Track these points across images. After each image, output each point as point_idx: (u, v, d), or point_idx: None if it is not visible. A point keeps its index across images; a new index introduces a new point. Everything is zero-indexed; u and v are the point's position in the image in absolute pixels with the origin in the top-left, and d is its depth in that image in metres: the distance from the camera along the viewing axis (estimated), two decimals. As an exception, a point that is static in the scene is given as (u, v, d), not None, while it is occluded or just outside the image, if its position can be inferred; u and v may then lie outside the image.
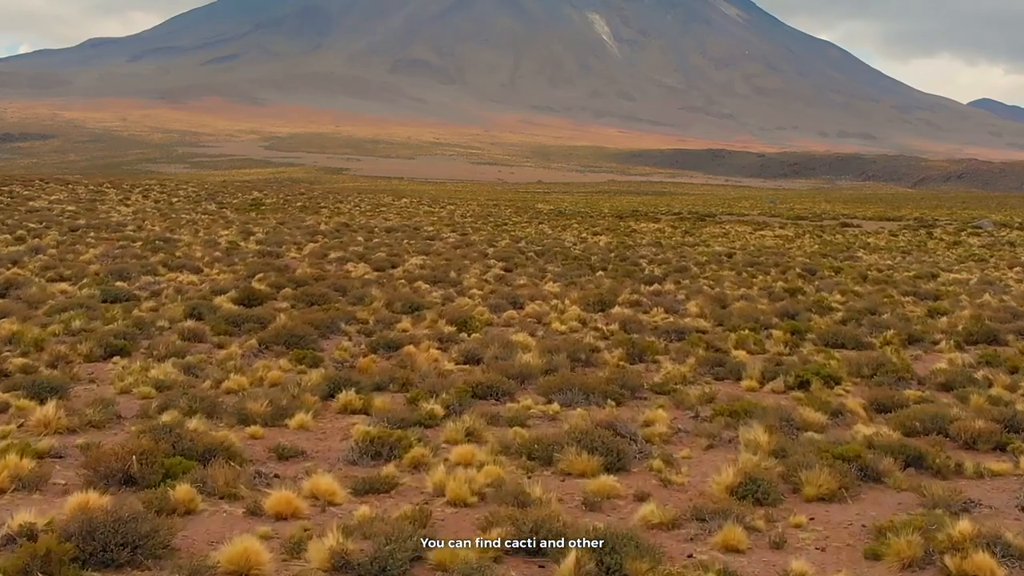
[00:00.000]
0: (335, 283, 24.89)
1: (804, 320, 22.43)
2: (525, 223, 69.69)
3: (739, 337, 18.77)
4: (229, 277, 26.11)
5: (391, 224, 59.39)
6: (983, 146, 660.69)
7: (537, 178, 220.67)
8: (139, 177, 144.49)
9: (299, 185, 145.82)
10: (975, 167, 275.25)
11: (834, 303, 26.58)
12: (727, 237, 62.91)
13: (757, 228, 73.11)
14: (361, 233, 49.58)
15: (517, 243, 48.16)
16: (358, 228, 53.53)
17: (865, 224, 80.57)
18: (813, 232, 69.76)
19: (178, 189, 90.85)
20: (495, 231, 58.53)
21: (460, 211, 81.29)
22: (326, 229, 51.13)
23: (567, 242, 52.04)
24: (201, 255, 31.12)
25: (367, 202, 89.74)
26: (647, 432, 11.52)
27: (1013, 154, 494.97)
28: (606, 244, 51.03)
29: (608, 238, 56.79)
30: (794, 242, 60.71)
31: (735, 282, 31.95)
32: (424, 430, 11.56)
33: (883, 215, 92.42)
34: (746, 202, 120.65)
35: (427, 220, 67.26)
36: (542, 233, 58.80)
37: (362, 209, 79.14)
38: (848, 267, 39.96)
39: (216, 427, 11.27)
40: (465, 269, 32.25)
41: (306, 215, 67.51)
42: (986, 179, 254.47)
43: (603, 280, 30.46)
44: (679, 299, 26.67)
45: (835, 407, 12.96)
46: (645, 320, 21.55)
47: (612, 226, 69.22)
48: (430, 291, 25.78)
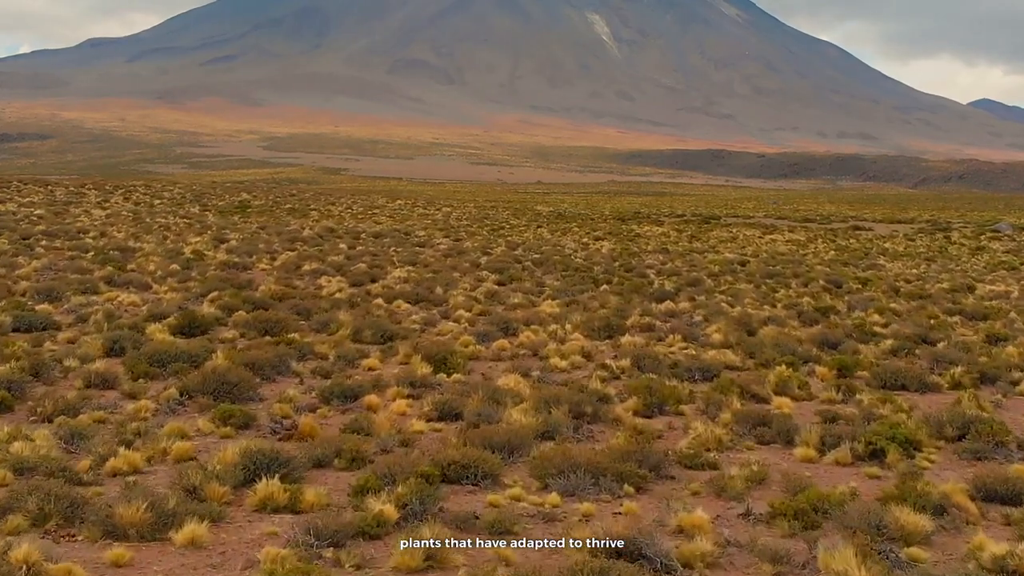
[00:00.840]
0: (300, 304, 21.39)
1: (848, 350, 19.01)
2: (523, 227, 66.28)
3: (778, 378, 15.30)
4: (178, 297, 22.62)
5: (380, 228, 55.94)
6: (983, 147, 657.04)
7: (536, 178, 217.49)
8: (134, 177, 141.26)
9: (292, 186, 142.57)
10: (976, 168, 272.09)
11: (875, 326, 23.16)
12: (736, 242, 59.53)
13: (766, 232, 69.79)
14: (346, 239, 46.13)
15: (514, 250, 44.73)
16: (344, 233, 50.09)
17: (877, 227, 77.22)
18: (825, 236, 66.38)
19: (164, 191, 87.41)
20: (491, 236, 55.11)
21: (456, 213, 77.90)
22: (309, 235, 47.69)
23: (567, 248, 48.63)
24: (155, 269, 27.58)
25: (360, 204, 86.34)
26: (684, 551, 8.08)
27: (1014, 155, 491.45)
28: (609, 251, 47.60)
29: (611, 244, 53.35)
30: (808, 248, 57.35)
31: (756, 298, 28.52)
32: (368, 544, 8.16)
33: (892, 217, 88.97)
34: (749, 203, 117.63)
35: (420, 224, 63.86)
36: (541, 238, 55.37)
37: (353, 212, 75.76)
38: (874, 278, 36.52)
39: (67, 544, 7.86)
40: (454, 283, 28.80)
41: (292, 218, 64.12)
42: (987, 180, 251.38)
43: (608, 296, 27.01)
44: (696, 321, 23.25)
45: (936, 500, 9.49)
46: (661, 352, 18.11)
47: (614, 230, 65.82)
48: (410, 313, 22.33)
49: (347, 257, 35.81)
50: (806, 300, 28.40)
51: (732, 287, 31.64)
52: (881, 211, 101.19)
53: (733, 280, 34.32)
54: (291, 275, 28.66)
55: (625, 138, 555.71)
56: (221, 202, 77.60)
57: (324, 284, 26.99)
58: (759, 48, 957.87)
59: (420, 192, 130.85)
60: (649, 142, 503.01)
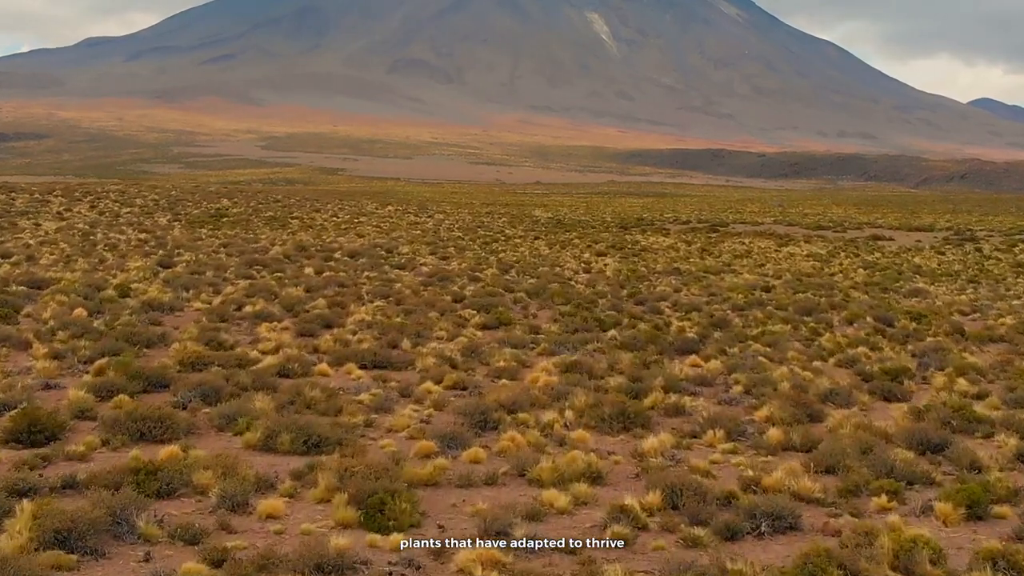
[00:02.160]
0: (206, 383, 15.80)
1: (961, 458, 13.56)
2: (519, 238, 60.80)
3: (897, 545, 9.82)
4: (53, 366, 17.02)
5: (359, 244, 50.44)
6: (984, 146, 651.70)
7: (536, 179, 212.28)
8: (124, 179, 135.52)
9: (283, 188, 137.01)
10: (978, 167, 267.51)
11: (971, 398, 17.75)
12: (751, 257, 54.10)
13: (781, 243, 64.36)
14: (316, 260, 40.65)
15: (506, 273, 39.31)
16: (316, 252, 44.60)
17: (896, 236, 71.65)
18: (847, 248, 60.87)
19: (138, 196, 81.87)
20: (482, 252, 49.64)
21: (448, 222, 72.41)
22: (275, 254, 42.23)
23: (567, 269, 43.24)
24: (50, 316, 22.00)
25: (348, 210, 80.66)
26: None
27: (1014, 154, 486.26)
28: (614, 272, 42.18)
29: (615, 261, 47.91)
30: (831, 264, 51.91)
31: (800, 351, 23.06)
32: None
33: (909, 224, 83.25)
34: (753, 205, 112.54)
35: (407, 235, 58.41)
36: (537, 255, 49.88)
37: (338, 220, 70.30)
38: (928, 312, 31.04)
39: None
40: (427, 330, 23.35)
41: (269, 230, 58.72)
42: (990, 179, 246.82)
43: (619, 353, 21.53)
44: (736, 396, 17.85)
45: None
46: (701, 468, 12.72)
47: (617, 242, 60.33)
48: (359, 390, 16.84)
49: (308, 289, 30.30)
50: (862, 352, 22.97)
51: (766, 329, 26.20)
52: (892, 215, 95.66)
53: (764, 317, 28.87)
54: (225, 321, 23.12)
55: (625, 138, 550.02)
56: (196, 210, 72.26)
57: (262, 336, 21.47)
58: (759, 47, 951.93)
59: (415, 194, 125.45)
60: (649, 142, 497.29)
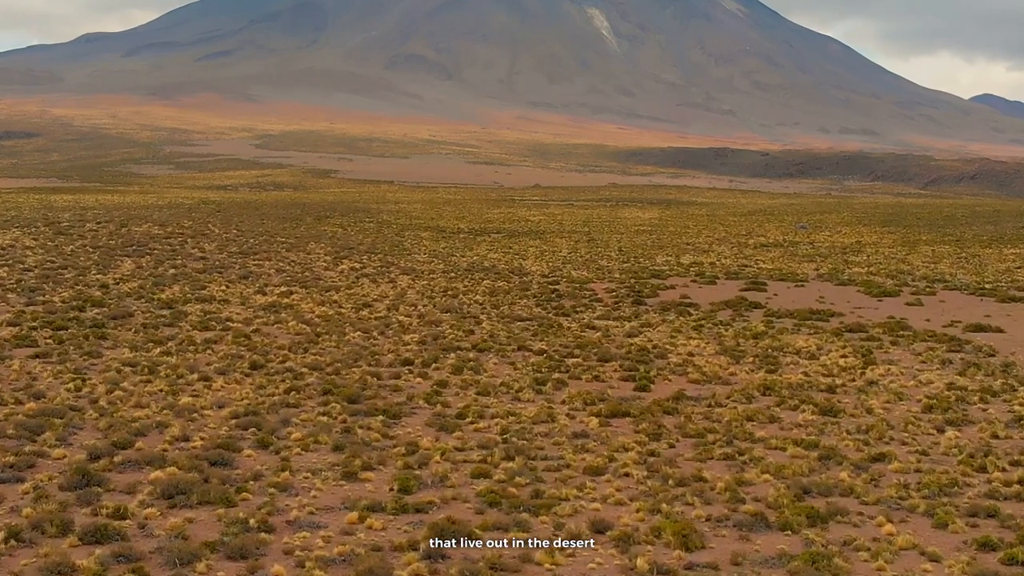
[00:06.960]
0: None
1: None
2: (505, 343, 31.70)
3: None
4: None
5: (236, 410, 46.36)
6: (987, 142, 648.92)
7: (534, 180, 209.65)
8: (123, 179, 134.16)
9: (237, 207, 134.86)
10: (989, 167, 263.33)
11: None
12: (828, 380, 27.89)
13: (855, 348, 32.23)
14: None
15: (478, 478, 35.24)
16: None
17: (998, 317, 40.65)
18: (954, 357, 31.91)
19: (88, 222, 78.63)
20: (436, 410, 44.25)
21: (416, 289, 46.49)
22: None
23: (567, 502, 38.74)
24: None
25: (289, 272, 51.04)
26: None
27: (1017, 150, 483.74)
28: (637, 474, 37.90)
29: (633, 423, 23.35)
30: (963, 417, 23.63)
31: None
32: None
33: (1006, 293, 47.56)
34: (771, 226, 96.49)
35: (338, 342, 36.60)
36: (512, 433, 45.62)
37: (248, 316, 44.50)
38: None
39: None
40: None
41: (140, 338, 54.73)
42: (1001, 180, 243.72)
43: None
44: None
45: None
46: None
47: (633, 354, 30.12)
48: None
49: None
50: None
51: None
52: (943, 246, 75.85)
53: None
54: None
55: (625, 134, 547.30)
56: (61, 296, 68.71)
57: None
58: (760, 43, 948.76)
59: (402, 212, 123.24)
60: (649, 138, 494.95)
